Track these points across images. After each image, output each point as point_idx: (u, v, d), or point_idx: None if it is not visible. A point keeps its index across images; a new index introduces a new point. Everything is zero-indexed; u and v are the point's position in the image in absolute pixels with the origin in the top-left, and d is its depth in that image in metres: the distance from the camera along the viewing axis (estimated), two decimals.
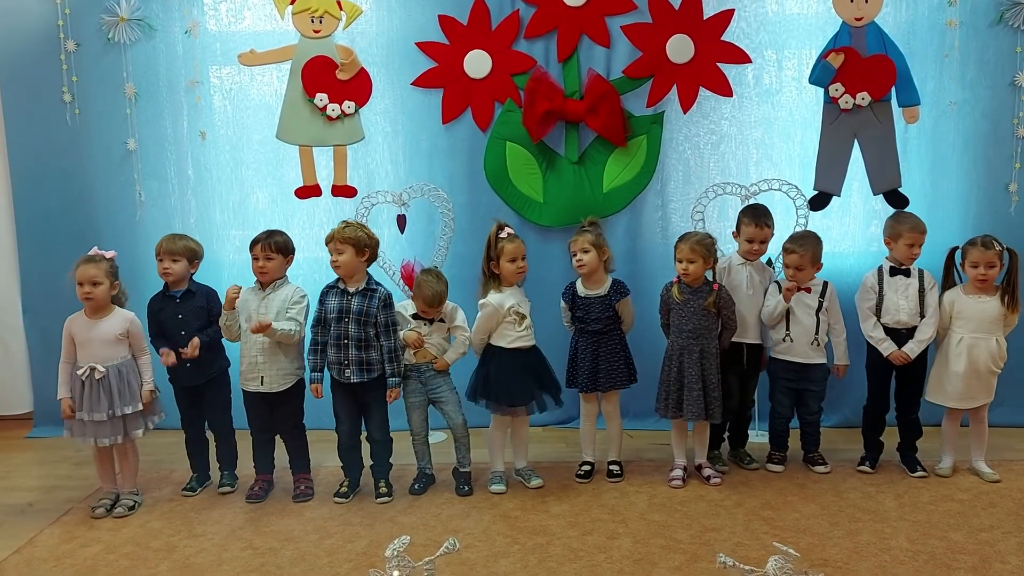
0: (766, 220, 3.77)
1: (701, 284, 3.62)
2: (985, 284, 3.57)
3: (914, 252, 3.68)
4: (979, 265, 3.55)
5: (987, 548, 3.01)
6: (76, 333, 3.46)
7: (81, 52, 4.38)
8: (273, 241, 3.55)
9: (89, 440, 3.44)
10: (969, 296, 3.62)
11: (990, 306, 3.58)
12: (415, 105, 4.42)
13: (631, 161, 4.40)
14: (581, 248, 3.64)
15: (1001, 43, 4.20)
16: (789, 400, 3.81)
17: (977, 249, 3.55)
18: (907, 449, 3.77)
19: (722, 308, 3.62)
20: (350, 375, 3.51)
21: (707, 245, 3.58)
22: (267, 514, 3.48)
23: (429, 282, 3.54)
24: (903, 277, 3.69)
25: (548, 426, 4.45)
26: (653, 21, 4.29)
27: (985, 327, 3.58)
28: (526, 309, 3.64)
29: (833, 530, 3.18)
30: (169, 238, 3.68)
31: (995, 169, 4.29)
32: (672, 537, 3.15)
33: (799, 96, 4.34)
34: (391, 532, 3.18)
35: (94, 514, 3.49)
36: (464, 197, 4.42)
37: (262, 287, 3.58)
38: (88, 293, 3.42)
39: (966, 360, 3.58)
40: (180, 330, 3.61)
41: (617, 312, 3.68)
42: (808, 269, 3.70)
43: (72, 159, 4.47)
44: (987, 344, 3.58)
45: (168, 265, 3.61)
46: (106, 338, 3.44)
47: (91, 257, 3.47)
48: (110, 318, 3.48)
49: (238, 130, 4.48)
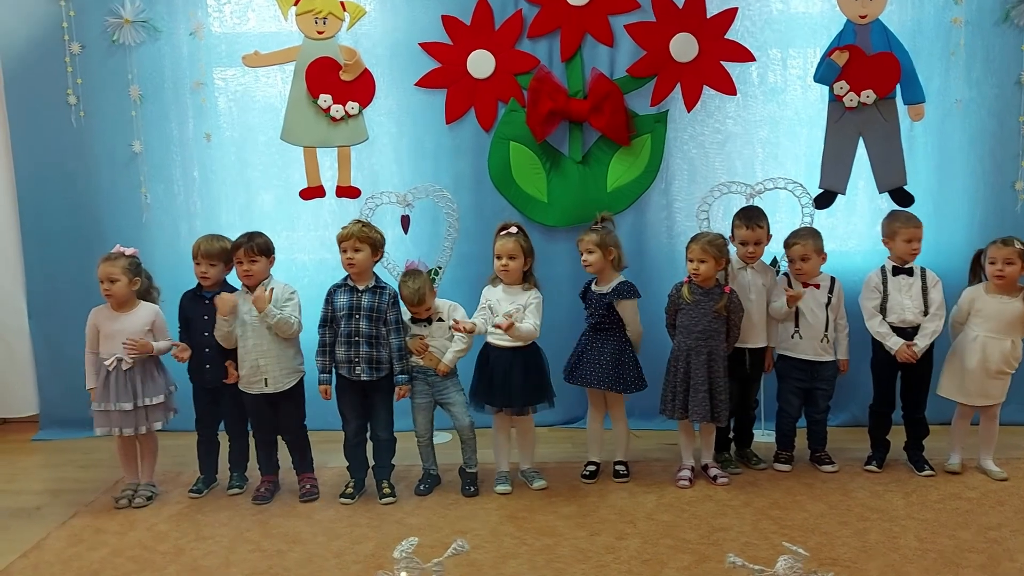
0: (757, 221, 3.73)
1: (712, 286, 3.61)
2: (1003, 281, 3.54)
3: (913, 247, 3.67)
4: (996, 261, 3.53)
5: (995, 546, 3.00)
6: (102, 325, 3.55)
7: (86, 54, 4.39)
8: (255, 244, 3.53)
9: (114, 430, 3.52)
10: (991, 295, 3.59)
11: (1011, 307, 3.55)
12: (419, 105, 4.42)
13: (635, 160, 4.40)
14: (586, 248, 3.64)
15: (1007, 41, 4.19)
16: (798, 400, 3.80)
17: (995, 246, 3.55)
18: (914, 448, 3.76)
19: (731, 313, 3.60)
20: (360, 372, 3.51)
21: (719, 246, 3.57)
22: (274, 516, 3.48)
23: (405, 283, 3.55)
24: (906, 276, 3.68)
25: (554, 426, 4.45)
26: (657, 20, 4.28)
27: (1003, 328, 3.56)
28: (503, 308, 3.58)
29: (842, 529, 3.17)
30: (207, 240, 3.63)
31: (1001, 167, 4.27)
32: (680, 537, 3.14)
33: (804, 94, 4.33)
34: (399, 533, 3.17)
35: (117, 505, 3.59)
36: (468, 197, 4.42)
37: (250, 290, 3.56)
38: (107, 290, 3.51)
39: (979, 357, 3.57)
40: (204, 331, 3.62)
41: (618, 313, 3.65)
42: (814, 258, 3.70)
43: (77, 161, 4.47)
44: (1001, 345, 3.56)
45: (205, 269, 3.61)
46: (133, 331, 3.52)
47: (110, 255, 3.57)
48: (136, 312, 3.57)
49: (243, 132, 4.48)
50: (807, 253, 3.70)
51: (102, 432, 3.54)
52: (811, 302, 3.73)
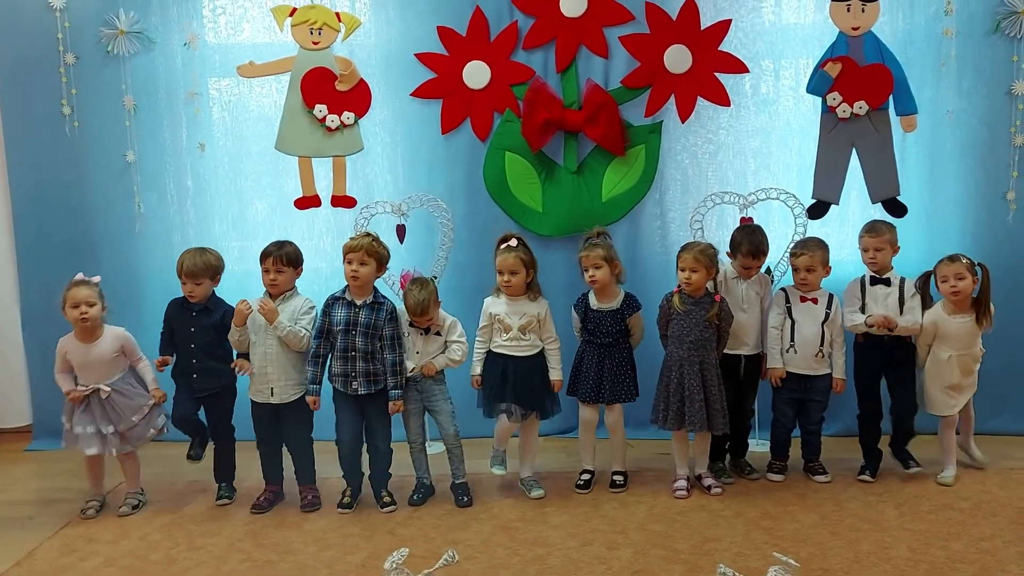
0: (761, 249, 3.75)
1: (702, 295, 3.62)
2: (958, 297, 3.60)
3: (870, 256, 3.72)
4: (948, 279, 3.60)
5: (987, 557, 3.00)
6: (72, 356, 3.53)
7: (80, 65, 4.39)
8: (284, 253, 3.55)
9: (91, 451, 3.51)
10: (952, 317, 3.65)
11: (970, 325, 3.65)
12: (414, 116, 4.43)
13: (630, 170, 4.41)
14: (593, 264, 3.62)
15: (998, 52, 4.21)
16: (792, 410, 3.81)
17: (944, 263, 3.63)
18: (898, 446, 3.79)
19: (722, 320, 3.62)
20: (357, 387, 3.52)
21: (710, 255, 3.59)
22: (266, 526, 3.47)
23: (412, 291, 3.55)
24: (883, 286, 3.73)
25: (549, 436, 4.44)
26: (651, 32, 4.31)
27: (969, 343, 3.67)
28: (513, 320, 3.63)
29: (834, 540, 3.17)
30: (190, 256, 3.60)
31: (993, 177, 4.29)
32: (672, 547, 3.14)
33: (797, 105, 4.35)
34: (390, 544, 3.17)
35: (84, 515, 3.58)
36: (463, 207, 4.43)
37: (272, 298, 3.58)
38: (84, 314, 3.45)
39: (958, 373, 3.67)
40: (189, 343, 3.63)
41: (627, 326, 3.69)
42: (819, 270, 3.72)
43: (71, 172, 4.47)
44: (972, 354, 3.69)
45: (191, 289, 3.60)
46: (105, 359, 3.53)
47: (82, 281, 3.52)
48: (104, 339, 3.55)
49: (237, 141, 4.49)
50: (813, 264, 3.70)
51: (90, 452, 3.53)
52: (807, 316, 3.74)
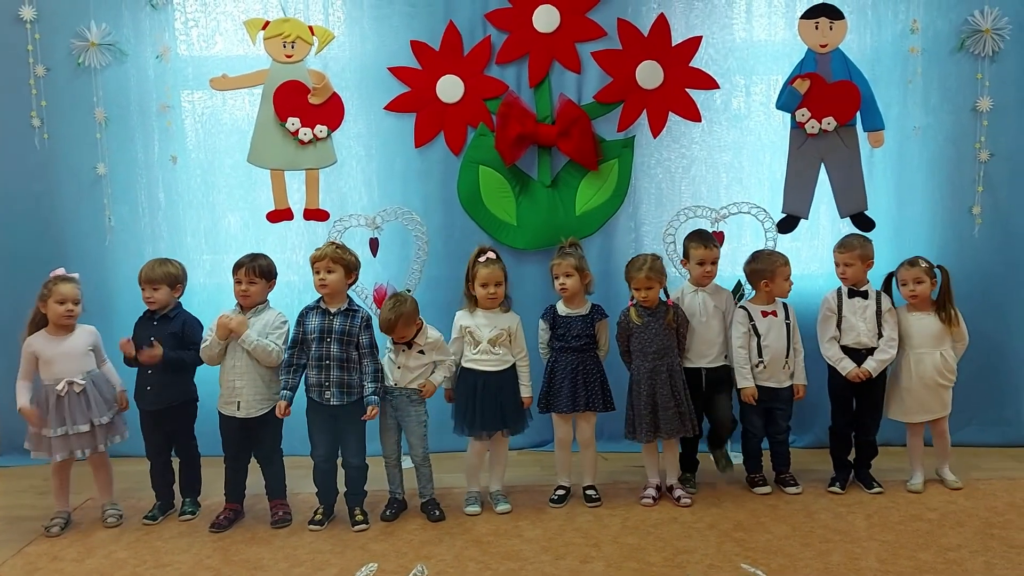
0: (713, 241, 3.83)
1: (656, 305, 3.67)
2: (917, 300, 3.72)
3: (840, 271, 3.79)
4: (907, 283, 3.72)
5: (955, 567, 3.03)
6: (42, 351, 3.50)
7: (51, 77, 4.35)
8: (257, 265, 3.56)
9: (76, 453, 3.50)
10: (910, 314, 3.76)
11: (928, 322, 3.73)
12: (388, 129, 4.43)
13: (603, 185, 4.44)
14: (564, 272, 3.67)
15: (963, 69, 4.30)
16: (760, 420, 3.85)
17: (904, 268, 3.74)
18: (861, 467, 3.83)
19: (679, 325, 3.69)
20: (330, 397, 3.50)
21: (659, 269, 3.67)
22: (236, 543, 3.43)
23: (385, 306, 3.55)
24: (860, 299, 3.77)
25: (523, 449, 4.44)
26: (623, 48, 4.35)
27: (928, 342, 3.72)
28: (484, 333, 3.63)
29: (804, 551, 3.19)
30: (149, 266, 3.67)
31: (959, 192, 4.37)
32: (645, 560, 3.14)
33: (767, 121, 4.41)
34: (362, 559, 3.15)
35: (49, 533, 3.52)
36: (438, 220, 4.43)
37: (243, 311, 3.56)
38: (70, 311, 3.49)
39: (914, 374, 3.72)
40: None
41: (596, 332, 3.72)
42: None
43: (41, 184, 4.41)
44: (932, 358, 3.71)
45: (150, 295, 3.63)
46: (78, 352, 3.54)
47: (68, 277, 3.55)
48: (77, 334, 3.58)
49: (209, 154, 4.46)
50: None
51: (61, 457, 3.50)
52: (772, 329, 3.78)
